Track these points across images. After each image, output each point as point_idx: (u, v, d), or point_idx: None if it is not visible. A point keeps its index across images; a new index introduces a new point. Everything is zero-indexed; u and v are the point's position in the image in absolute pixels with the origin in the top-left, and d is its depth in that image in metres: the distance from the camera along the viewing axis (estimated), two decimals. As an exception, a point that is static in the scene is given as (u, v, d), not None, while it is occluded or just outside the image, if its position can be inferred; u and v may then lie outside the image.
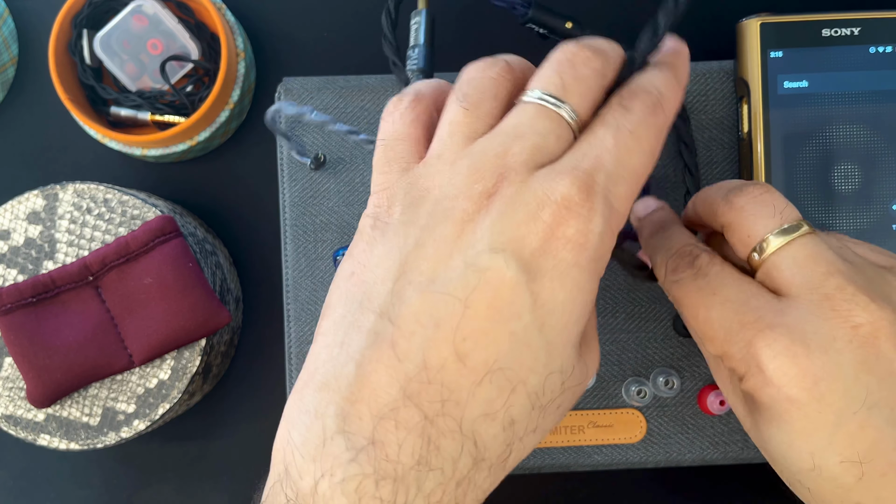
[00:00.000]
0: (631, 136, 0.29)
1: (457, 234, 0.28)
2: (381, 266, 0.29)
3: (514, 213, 0.28)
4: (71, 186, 0.45)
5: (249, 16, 0.53)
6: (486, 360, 0.27)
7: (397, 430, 0.27)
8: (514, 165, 0.29)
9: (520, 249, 0.27)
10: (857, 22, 0.43)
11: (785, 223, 0.32)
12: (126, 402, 0.45)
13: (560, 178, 0.28)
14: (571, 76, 0.30)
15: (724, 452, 0.45)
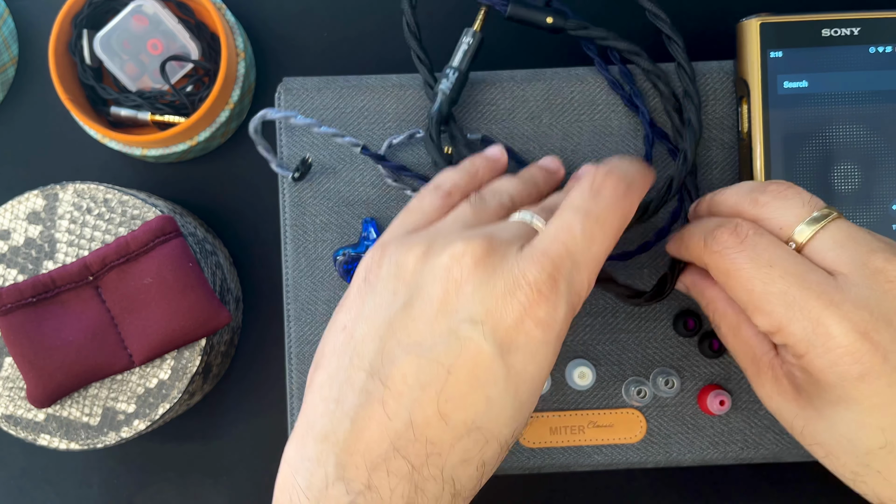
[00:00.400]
0: (596, 223, 0.33)
1: (443, 298, 0.32)
2: (370, 322, 0.33)
3: (493, 285, 0.31)
4: (71, 186, 0.45)
5: (249, 16, 0.53)
6: (466, 421, 0.31)
7: (389, 478, 0.31)
8: (499, 243, 0.32)
9: (496, 323, 0.31)
10: (856, 22, 0.43)
11: (815, 211, 0.34)
12: (126, 402, 0.45)
13: (533, 263, 0.32)
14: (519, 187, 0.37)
15: (724, 452, 0.45)
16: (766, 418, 0.45)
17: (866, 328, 0.31)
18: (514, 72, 0.46)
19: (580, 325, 0.45)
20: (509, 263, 0.32)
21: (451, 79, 0.43)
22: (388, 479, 0.30)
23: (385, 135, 0.46)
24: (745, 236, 0.34)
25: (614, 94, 0.46)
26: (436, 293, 0.32)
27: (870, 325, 0.31)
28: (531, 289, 0.31)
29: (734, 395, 0.45)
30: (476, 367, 0.31)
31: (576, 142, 0.46)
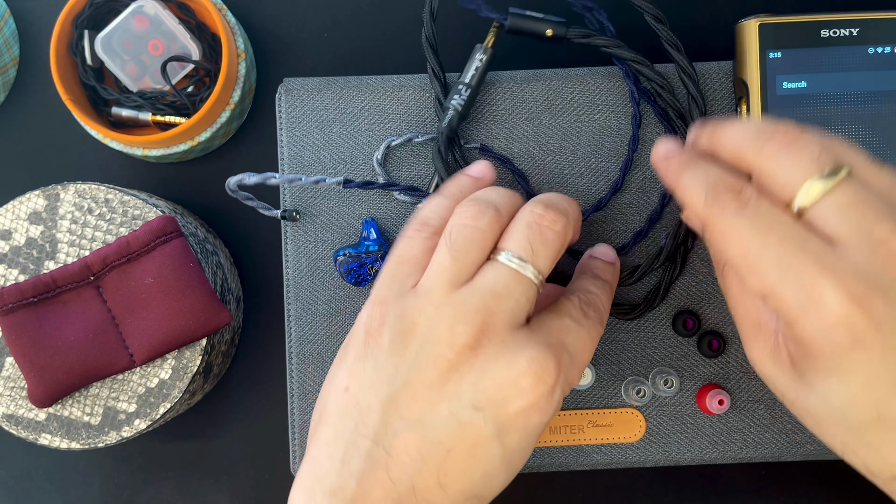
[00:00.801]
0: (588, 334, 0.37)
1: (442, 381, 0.34)
2: (373, 392, 0.35)
3: (495, 374, 0.34)
4: (72, 187, 0.46)
5: (250, 16, 0.53)
6: (463, 490, 0.34)
7: None
8: (495, 325, 0.34)
9: (498, 410, 0.34)
10: (855, 22, 0.43)
11: (824, 168, 0.32)
12: (127, 402, 0.45)
13: (537, 351, 0.34)
14: (539, 241, 0.36)
15: (723, 452, 0.46)
16: (765, 417, 0.45)
17: (861, 297, 0.30)
18: (513, 72, 0.46)
19: (580, 325, 0.46)
20: (510, 351, 0.34)
21: (464, 95, 0.43)
22: None
23: (385, 135, 0.46)
24: (748, 201, 0.32)
25: (614, 94, 0.46)
26: (435, 376, 0.34)
27: (865, 294, 0.30)
28: (538, 381, 0.34)
29: (733, 394, 0.45)
30: (475, 447, 0.34)
31: (576, 142, 0.46)
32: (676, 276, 0.45)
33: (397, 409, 0.34)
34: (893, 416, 0.31)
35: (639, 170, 0.46)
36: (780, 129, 0.33)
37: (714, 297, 0.45)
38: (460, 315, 0.34)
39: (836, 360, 0.31)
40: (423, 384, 0.34)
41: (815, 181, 0.31)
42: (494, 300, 0.34)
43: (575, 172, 0.46)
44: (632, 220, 0.45)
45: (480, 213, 0.36)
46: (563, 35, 0.43)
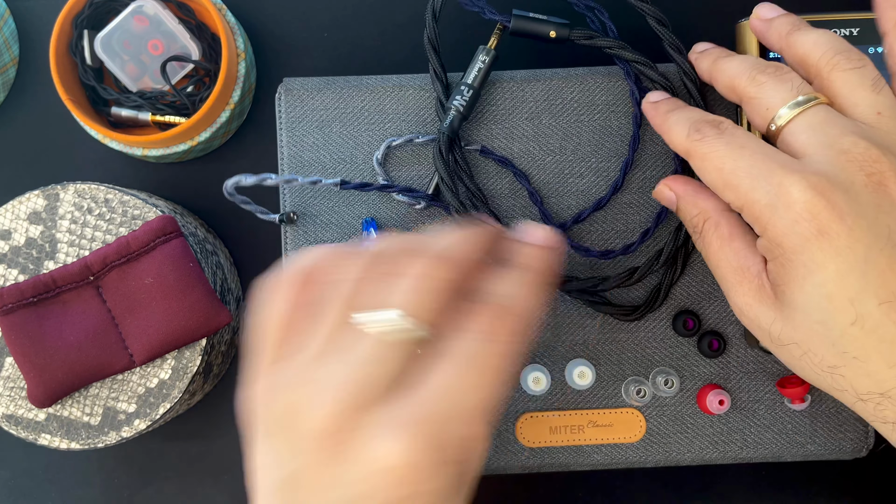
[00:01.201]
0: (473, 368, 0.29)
1: (331, 467, 0.29)
2: (268, 476, 0.31)
3: (372, 460, 0.28)
4: (72, 186, 0.46)
5: (250, 16, 0.53)
6: None
7: None
8: (368, 396, 0.29)
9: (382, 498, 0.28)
10: (856, 22, 0.43)
11: (800, 95, 0.36)
12: (127, 402, 0.45)
13: (392, 437, 0.28)
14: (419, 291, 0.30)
15: (723, 452, 0.46)
16: (766, 417, 0.45)
17: (823, 190, 0.33)
18: (513, 72, 0.46)
19: (580, 326, 0.46)
20: (382, 433, 0.28)
21: (466, 95, 0.43)
22: None
23: (385, 135, 0.46)
24: (725, 129, 0.37)
25: (614, 94, 0.46)
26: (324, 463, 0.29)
27: (827, 187, 0.33)
28: (393, 473, 0.28)
29: (733, 394, 0.45)
30: None
31: (576, 142, 0.46)
32: (677, 278, 0.45)
33: (292, 497, 0.30)
34: (871, 315, 0.33)
35: (639, 170, 0.46)
36: (772, 65, 0.38)
37: (714, 298, 0.45)
38: (333, 391, 0.29)
39: (807, 255, 0.33)
40: (315, 473, 0.29)
41: (792, 104, 0.36)
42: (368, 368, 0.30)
43: (575, 172, 0.46)
44: (632, 219, 0.45)
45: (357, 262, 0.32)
46: (566, 37, 0.43)
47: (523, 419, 0.45)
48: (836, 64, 0.37)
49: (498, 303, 0.31)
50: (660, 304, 0.45)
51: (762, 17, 0.41)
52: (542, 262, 0.34)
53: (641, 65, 0.44)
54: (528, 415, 0.45)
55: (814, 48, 0.37)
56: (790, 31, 0.39)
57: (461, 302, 0.31)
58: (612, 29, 0.45)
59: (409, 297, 0.30)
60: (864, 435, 0.45)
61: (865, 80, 0.36)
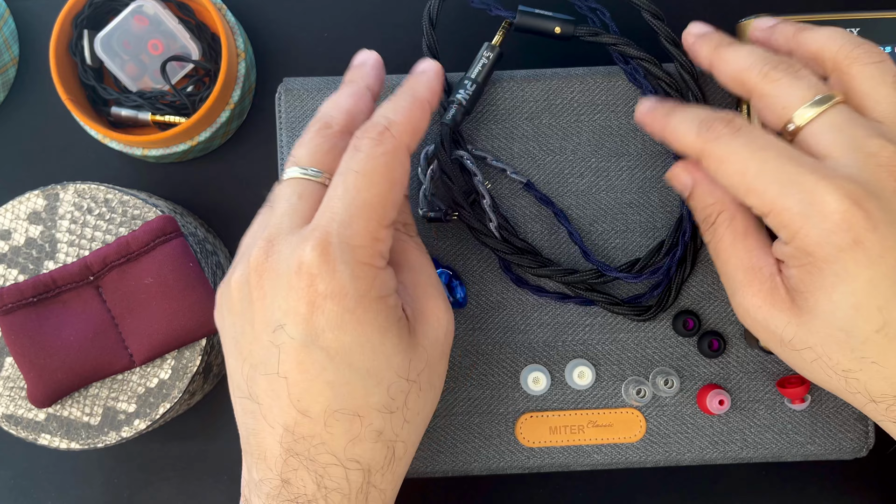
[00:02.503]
0: (357, 176, 0.34)
1: (257, 314, 0.34)
2: (231, 355, 0.36)
3: (279, 285, 0.33)
4: (72, 186, 0.46)
5: (250, 16, 0.53)
6: (323, 409, 0.33)
7: (293, 472, 0.34)
8: (273, 235, 0.34)
9: (295, 317, 0.33)
10: (856, 22, 0.43)
11: (818, 94, 0.35)
12: (127, 402, 0.45)
13: (301, 245, 0.33)
14: (297, 147, 0.37)
15: (724, 452, 0.46)
16: (766, 417, 0.45)
17: (859, 199, 0.32)
18: (513, 72, 0.46)
19: (580, 325, 0.46)
20: (284, 258, 0.34)
21: (469, 89, 0.43)
22: (294, 474, 0.34)
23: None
24: (741, 126, 0.35)
25: (614, 94, 0.46)
26: (252, 314, 0.35)
27: (861, 195, 0.32)
28: (305, 272, 0.33)
29: (733, 394, 0.45)
30: (301, 363, 0.33)
31: (576, 142, 0.46)
32: (687, 275, 0.44)
33: (245, 359, 0.35)
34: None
35: (639, 170, 0.46)
36: (784, 60, 0.36)
37: (714, 298, 0.45)
38: (252, 247, 0.35)
39: (839, 265, 0.32)
40: (249, 326, 0.35)
41: (812, 104, 0.34)
42: (270, 214, 0.36)
43: (575, 172, 0.46)
44: (632, 219, 0.45)
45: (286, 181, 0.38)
46: (570, 33, 0.43)
47: (523, 419, 0.45)
48: (856, 58, 0.35)
49: (367, 122, 0.36)
50: (672, 302, 0.44)
51: (762, 27, 0.40)
52: (415, 81, 0.38)
53: (646, 62, 0.44)
54: (527, 415, 0.45)
55: (829, 42, 0.36)
56: (797, 31, 0.38)
57: None
58: (614, 29, 0.44)
59: (299, 152, 0.37)
60: (864, 435, 0.45)
61: (887, 77, 0.35)
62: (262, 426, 0.34)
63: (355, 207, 0.34)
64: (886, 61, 0.36)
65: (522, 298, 0.46)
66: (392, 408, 0.34)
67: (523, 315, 0.46)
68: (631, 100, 0.46)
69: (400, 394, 0.35)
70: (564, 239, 0.46)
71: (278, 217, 0.35)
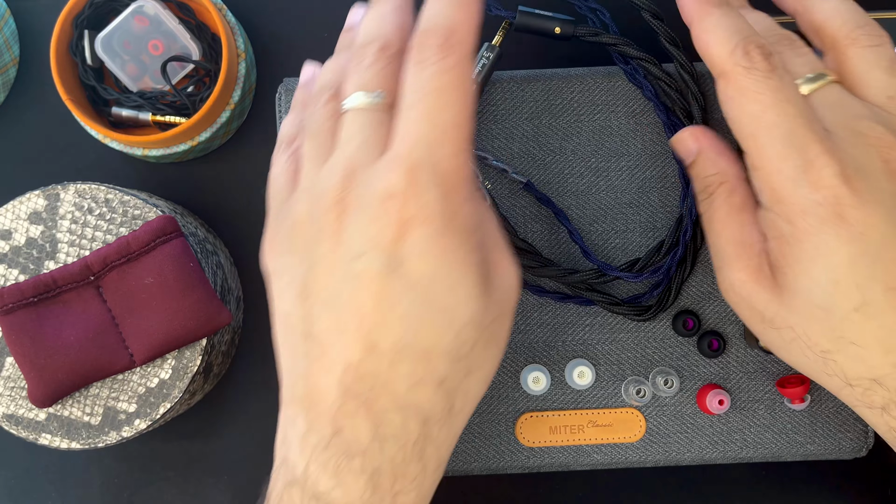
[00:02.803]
0: (431, 95, 0.32)
1: (333, 247, 0.33)
2: (289, 294, 0.34)
3: (364, 214, 0.32)
4: (72, 186, 0.46)
5: (250, 16, 0.53)
6: (392, 344, 0.32)
7: (348, 419, 0.32)
8: (354, 169, 0.33)
9: (379, 244, 0.32)
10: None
11: (812, 72, 0.35)
12: (127, 402, 0.45)
13: (386, 172, 0.32)
14: (358, 73, 0.35)
15: (723, 452, 0.46)
16: (765, 417, 0.45)
17: (851, 177, 0.32)
18: (513, 72, 0.46)
19: (579, 325, 0.46)
20: (371, 183, 0.32)
21: None
22: (349, 421, 0.32)
23: (385, 135, 0.46)
24: (776, 67, 0.34)
25: (614, 94, 0.46)
26: (327, 248, 0.33)
27: (854, 175, 0.32)
28: (394, 198, 0.31)
29: (733, 394, 0.45)
30: (378, 292, 0.32)
31: (576, 142, 0.46)
32: (688, 275, 0.45)
33: (310, 296, 0.33)
34: (876, 301, 0.33)
35: (639, 170, 0.46)
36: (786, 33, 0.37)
37: (714, 298, 0.45)
38: (326, 181, 0.33)
39: (820, 238, 0.33)
40: (321, 260, 0.33)
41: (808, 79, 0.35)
42: (345, 147, 0.34)
43: (575, 172, 0.46)
44: (632, 219, 0.46)
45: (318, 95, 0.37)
46: (570, 33, 0.43)
47: (523, 419, 0.46)
48: (854, 39, 0.36)
49: (422, 28, 0.33)
50: (672, 302, 0.44)
51: None
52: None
53: (646, 62, 0.44)
54: (527, 415, 0.46)
55: (833, 16, 0.36)
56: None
57: None
58: (614, 29, 0.45)
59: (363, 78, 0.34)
60: (863, 435, 0.46)
61: (882, 61, 0.35)
62: (318, 367, 0.33)
63: (438, 130, 0.32)
64: (884, 45, 0.36)
65: (522, 298, 0.46)
66: (458, 355, 0.33)
67: (523, 315, 0.46)
68: (631, 100, 0.46)
69: (469, 340, 0.33)
70: (564, 239, 0.46)
71: (353, 149, 0.33)
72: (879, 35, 0.36)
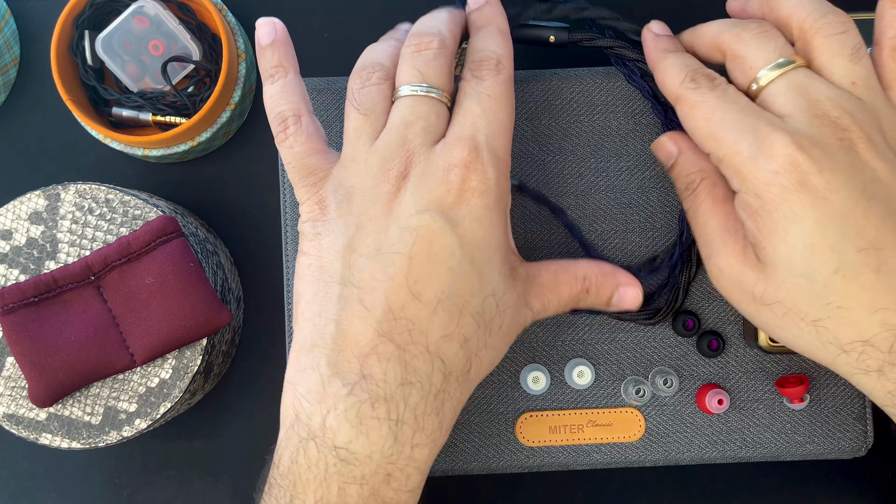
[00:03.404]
0: (490, 99, 0.38)
1: (386, 211, 0.36)
2: (332, 249, 0.36)
3: (427, 181, 0.36)
4: (73, 187, 0.46)
5: (250, 17, 0.53)
6: (436, 293, 0.35)
7: (380, 362, 0.34)
8: (415, 148, 0.37)
9: (440, 206, 0.36)
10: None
11: (781, 58, 0.37)
12: (128, 402, 0.45)
13: (454, 148, 0.36)
14: (423, 63, 0.38)
15: (723, 451, 0.46)
16: (765, 417, 0.45)
17: (804, 146, 0.35)
18: (513, 72, 0.46)
19: (579, 325, 0.46)
20: (434, 158, 0.36)
21: None
22: (380, 364, 0.34)
23: (385, 135, 0.46)
24: (719, 84, 0.38)
25: (613, 94, 0.46)
26: (380, 211, 0.36)
27: (807, 144, 0.35)
28: (459, 168, 0.36)
29: (732, 394, 0.45)
30: (432, 245, 0.35)
31: (575, 142, 0.46)
32: (694, 275, 0.45)
33: (355, 249, 0.36)
34: (851, 262, 0.34)
35: (638, 170, 0.46)
36: (753, 21, 0.39)
37: (714, 298, 0.46)
38: (385, 155, 0.37)
39: (787, 205, 0.35)
40: (372, 221, 0.36)
41: (774, 66, 0.37)
42: (407, 128, 0.37)
43: (574, 172, 0.46)
44: (631, 220, 0.46)
45: (370, 73, 0.39)
46: (565, 40, 0.44)
47: (523, 419, 0.46)
48: (818, 28, 0.38)
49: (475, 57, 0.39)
50: (680, 303, 0.45)
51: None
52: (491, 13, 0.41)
53: (642, 63, 0.44)
54: (527, 414, 0.46)
55: (797, 9, 0.38)
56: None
57: None
58: (609, 33, 0.45)
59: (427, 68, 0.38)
60: (863, 434, 0.46)
61: (845, 49, 0.37)
62: (353, 311, 0.35)
63: (497, 124, 0.37)
64: (847, 32, 0.38)
65: (522, 298, 0.46)
66: (483, 320, 0.36)
67: (523, 315, 0.46)
68: (630, 100, 0.46)
69: (489, 311, 0.36)
70: (565, 238, 0.46)
71: (416, 132, 0.37)
72: (843, 23, 0.38)
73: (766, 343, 0.43)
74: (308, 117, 0.39)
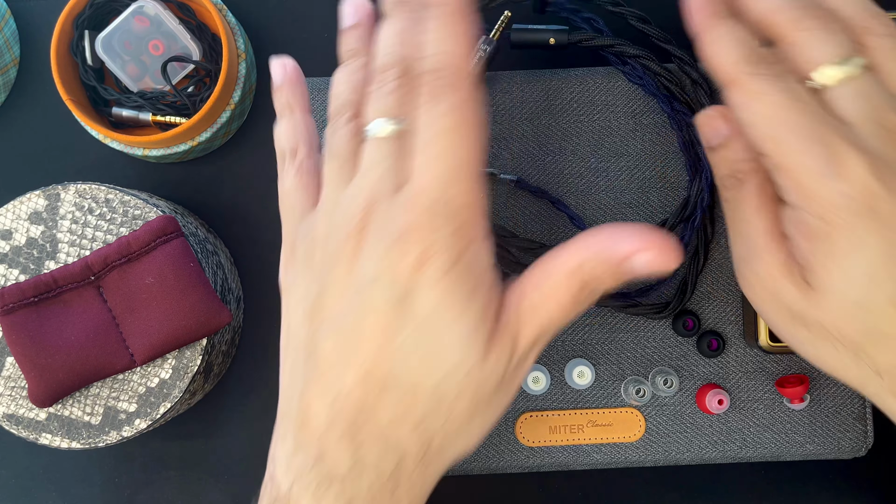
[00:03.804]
0: (450, 133, 0.32)
1: (347, 272, 0.33)
2: (297, 312, 0.36)
3: (382, 242, 0.32)
4: (73, 187, 0.46)
5: (250, 17, 0.53)
6: (382, 376, 0.32)
7: (332, 444, 0.33)
8: (376, 196, 0.33)
9: (392, 274, 0.32)
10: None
11: (848, 55, 0.33)
12: (127, 402, 0.45)
13: (404, 211, 0.32)
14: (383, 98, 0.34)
15: (723, 451, 0.46)
16: (765, 417, 0.45)
17: (881, 171, 0.31)
18: (513, 73, 0.46)
19: (579, 325, 0.46)
20: (393, 212, 0.32)
21: None
22: (332, 446, 0.33)
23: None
24: (783, 74, 0.33)
25: (613, 94, 0.46)
26: (342, 272, 0.33)
27: (884, 169, 0.32)
28: (411, 232, 0.31)
29: (733, 394, 0.45)
30: (380, 321, 0.32)
31: (575, 142, 0.46)
32: (702, 268, 0.45)
33: (318, 316, 0.34)
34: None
35: (638, 170, 0.46)
36: (814, 6, 0.34)
37: (714, 298, 0.46)
38: (346, 208, 0.34)
39: (853, 231, 0.32)
40: (333, 284, 0.34)
41: (838, 64, 0.33)
42: (366, 177, 0.33)
43: (574, 172, 0.46)
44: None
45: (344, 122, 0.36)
46: (565, 42, 0.44)
47: (523, 419, 0.46)
48: (868, 28, 0.34)
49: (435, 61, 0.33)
50: (689, 297, 0.44)
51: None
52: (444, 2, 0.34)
53: (645, 59, 0.44)
54: (527, 414, 0.46)
55: (843, 5, 0.35)
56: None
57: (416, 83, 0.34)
58: (608, 34, 0.45)
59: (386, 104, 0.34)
60: (863, 434, 0.46)
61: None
62: (313, 389, 0.34)
63: (455, 167, 0.32)
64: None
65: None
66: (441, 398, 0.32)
67: (523, 315, 0.46)
68: (630, 100, 0.46)
69: (453, 388, 0.32)
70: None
71: (376, 179, 0.33)
72: (889, 24, 0.35)
73: (766, 343, 0.43)
74: (306, 154, 0.38)
